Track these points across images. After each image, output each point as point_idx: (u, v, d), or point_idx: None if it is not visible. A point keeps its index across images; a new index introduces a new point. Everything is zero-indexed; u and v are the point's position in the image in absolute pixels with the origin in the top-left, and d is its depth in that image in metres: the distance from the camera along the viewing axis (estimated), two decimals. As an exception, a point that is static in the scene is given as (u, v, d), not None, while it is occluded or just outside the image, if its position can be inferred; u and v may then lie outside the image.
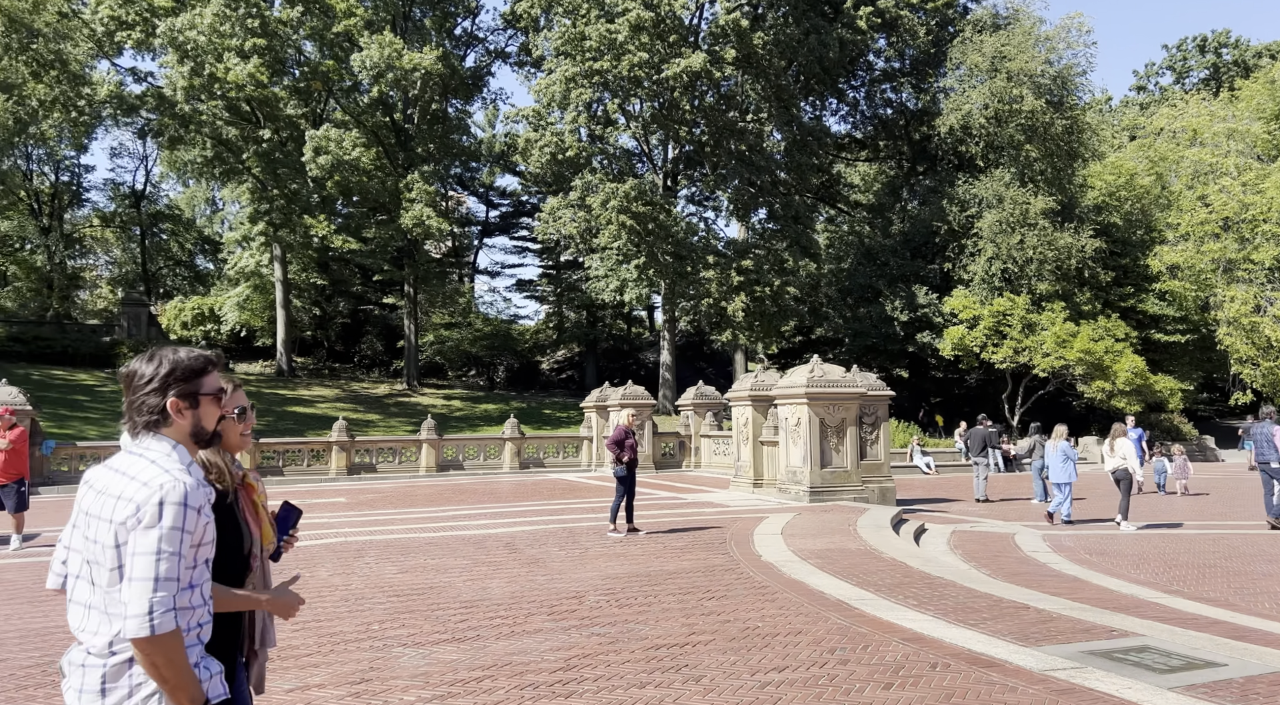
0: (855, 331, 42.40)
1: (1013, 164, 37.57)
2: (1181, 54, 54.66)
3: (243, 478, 2.74)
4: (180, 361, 2.39)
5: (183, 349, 2.46)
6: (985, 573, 10.36)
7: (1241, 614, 8.11)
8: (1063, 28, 37.47)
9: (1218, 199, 37.81)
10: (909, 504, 18.23)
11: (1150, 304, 39.12)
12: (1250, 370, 36.09)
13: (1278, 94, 39.03)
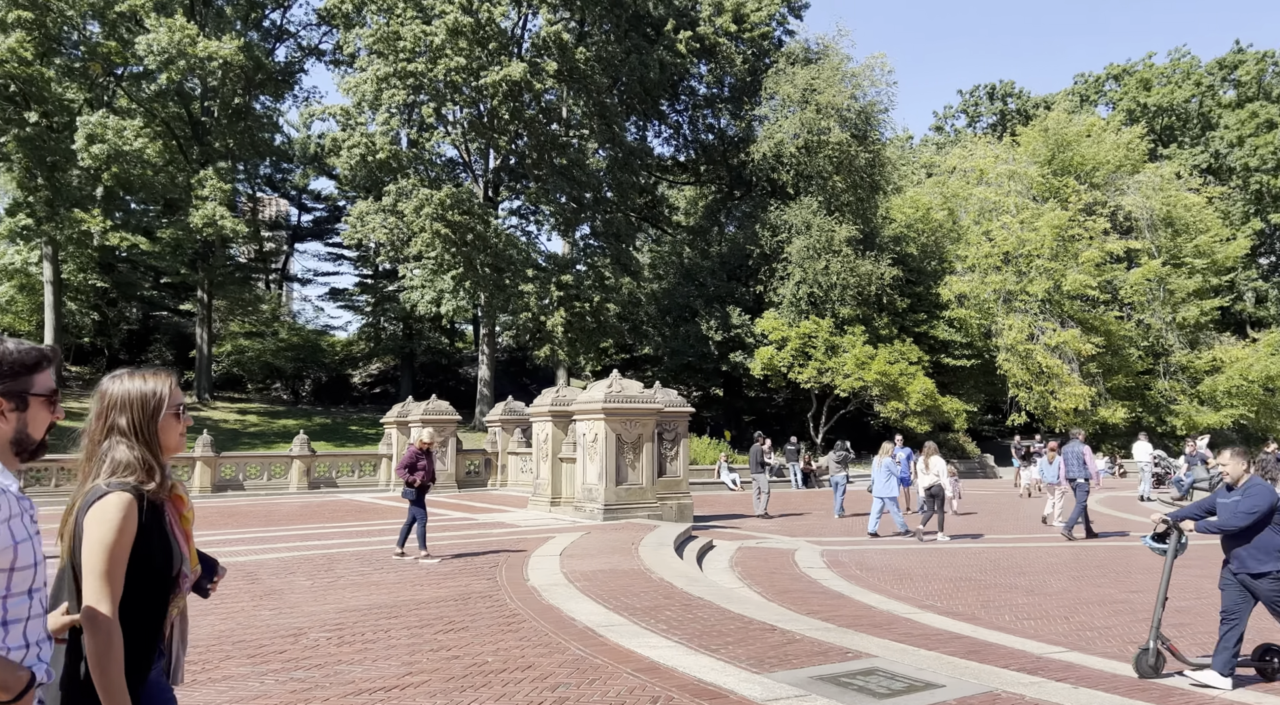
0: (673, 350, 42.97)
1: (820, 193, 39.31)
2: (974, 100, 59.58)
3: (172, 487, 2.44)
4: (8, 353, 2.08)
5: (10, 339, 2.13)
6: (756, 591, 10.29)
7: (983, 628, 8.32)
8: (868, 66, 39.73)
9: (999, 234, 41.15)
10: (706, 520, 18.27)
11: (941, 330, 41.90)
12: (1024, 393, 39.34)
13: (1050, 141, 43.00)
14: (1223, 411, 39.79)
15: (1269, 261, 56.00)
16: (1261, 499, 5.99)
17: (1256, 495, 6.08)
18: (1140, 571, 11.94)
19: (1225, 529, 6.13)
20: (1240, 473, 6.28)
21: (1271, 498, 6.01)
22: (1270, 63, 51.87)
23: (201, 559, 2.61)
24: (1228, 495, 6.31)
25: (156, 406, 2.42)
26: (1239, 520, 6.06)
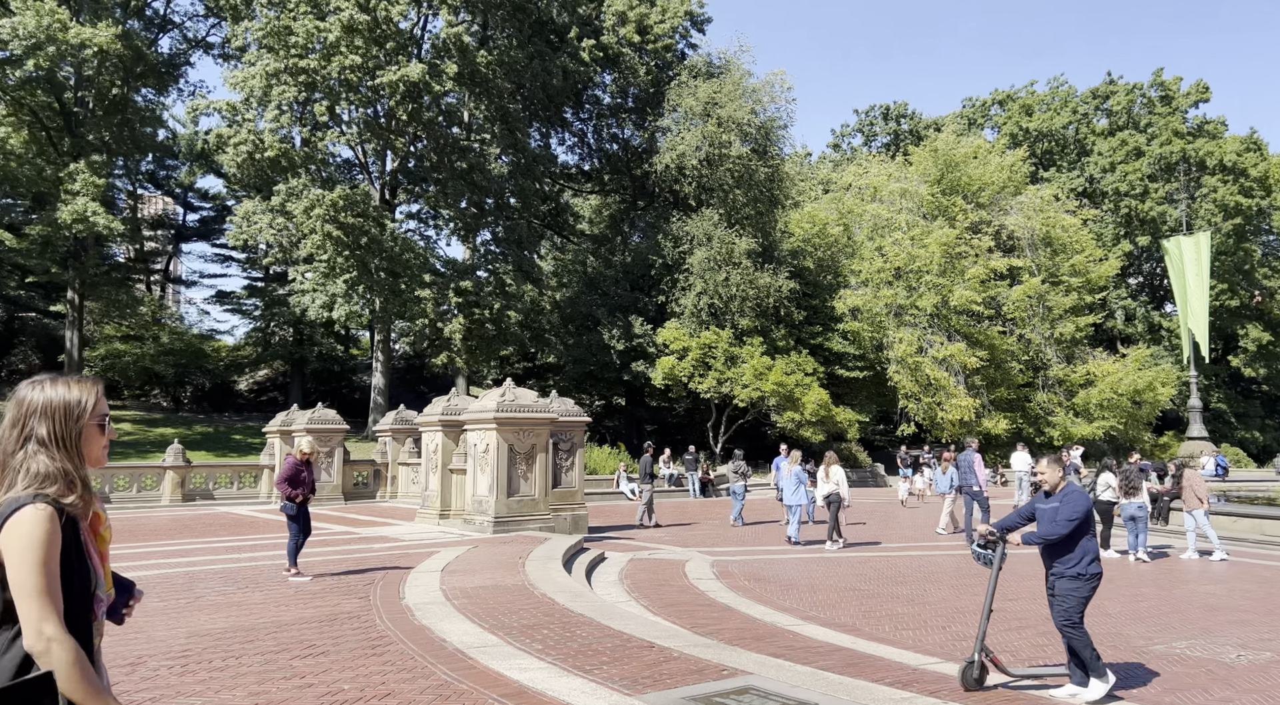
0: (576, 358, 42.68)
1: (722, 205, 39.76)
2: (869, 119, 61.51)
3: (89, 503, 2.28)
4: None
5: None
6: (643, 605, 10.12)
7: (863, 639, 8.35)
8: (768, 82, 40.46)
9: (891, 250, 42.44)
10: (602, 531, 18.06)
11: (835, 342, 42.91)
12: (914, 404, 40.60)
13: (939, 162, 44.63)
14: (1095, 423, 41.92)
15: (1137, 282, 59.55)
16: (1078, 505, 6.11)
17: (1074, 502, 6.19)
18: (1016, 578, 12.29)
19: (1048, 539, 6.22)
20: (1057, 480, 6.37)
21: (1086, 503, 6.16)
22: (1138, 94, 55.30)
23: (116, 581, 2.43)
24: (1046, 502, 6.40)
25: (80, 416, 2.29)
26: (1060, 528, 6.18)
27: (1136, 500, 13.96)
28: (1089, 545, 6.25)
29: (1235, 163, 51.45)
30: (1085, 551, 6.23)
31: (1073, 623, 6.22)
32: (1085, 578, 6.22)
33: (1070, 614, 6.22)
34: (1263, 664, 7.38)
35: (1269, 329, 54.60)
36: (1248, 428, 56.14)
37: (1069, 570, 6.25)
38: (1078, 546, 6.23)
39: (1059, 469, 6.44)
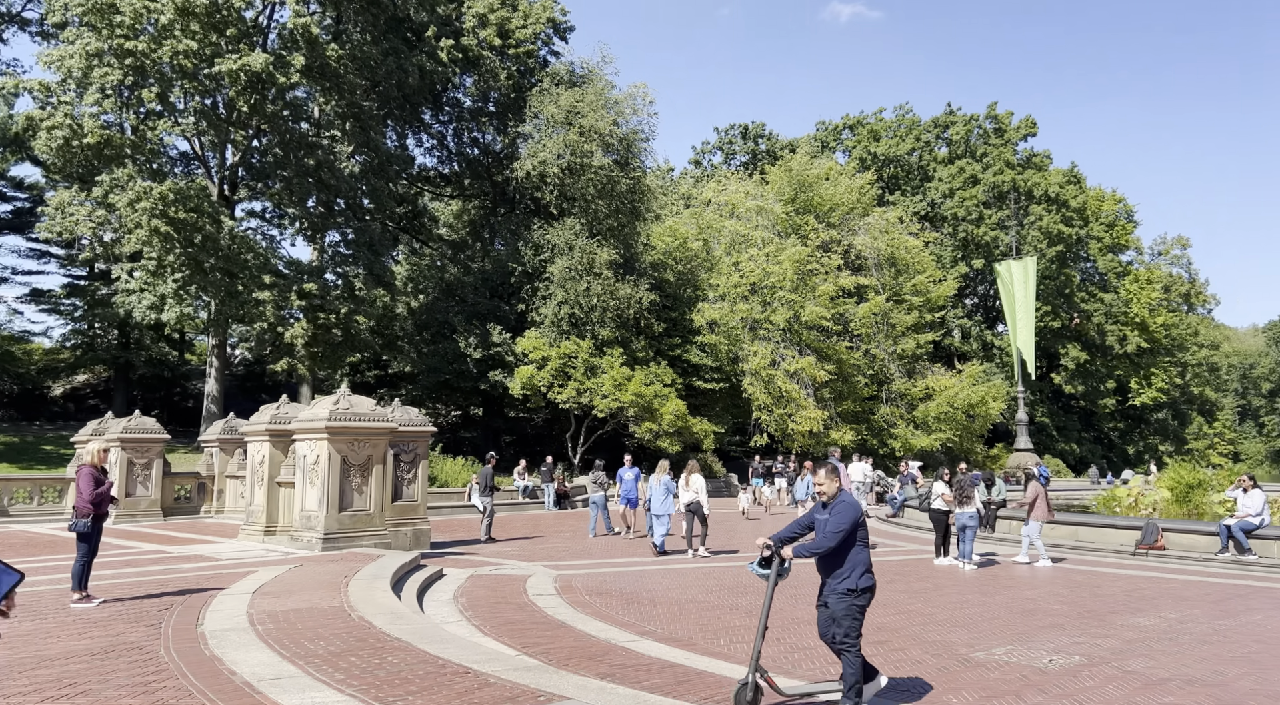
0: (430, 367, 41.36)
1: (583, 215, 39.57)
2: (729, 138, 63.06)
3: None
4: None
5: None
6: (474, 625, 9.58)
7: (697, 654, 8.13)
8: (630, 94, 40.65)
9: (747, 266, 43.41)
10: (446, 547, 17.33)
11: (694, 354, 43.44)
12: (766, 416, 41.54)
13: (794, 181, 46.14)
14: (933, 435, 44.16)
15: (973, 302, 63.45)
16: (845, 516, 5.98)
17: (841, 513, 6.07)
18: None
19: (815, 551, 6.08)
20: (834, 491, 6.22)
21: (855, 514, 6.04)
22: (975, 125, 59.09)
23: None
24: (823, 512, 6.27)
25: None
26: (827, 541, 6.09)
27: (969, 509, 14.51)
28: (859, 558, 6.08)
29: (1058, 194, 55.70)
30: (855, 564, 6.06)
31: (849, 641, 5.97)
32: (856, 592, 6.02)
33: (848, 632, 5.98)
34: (1072, 668, 7.62)
35: (1086, 349, 59.31)
36: (1067, 440, 60.70)
37: (840, 585, 6.07)
38: (847, 560, 6.06)
39: (836, 480, 6.28)
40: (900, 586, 12.59)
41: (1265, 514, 14.74)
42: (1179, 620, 9.90)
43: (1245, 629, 9.41)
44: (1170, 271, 71.00)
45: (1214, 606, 10.78)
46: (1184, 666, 7.69)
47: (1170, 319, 65.21)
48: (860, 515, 6.06)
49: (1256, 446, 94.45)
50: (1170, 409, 68.22)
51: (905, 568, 14.81)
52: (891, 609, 10.66)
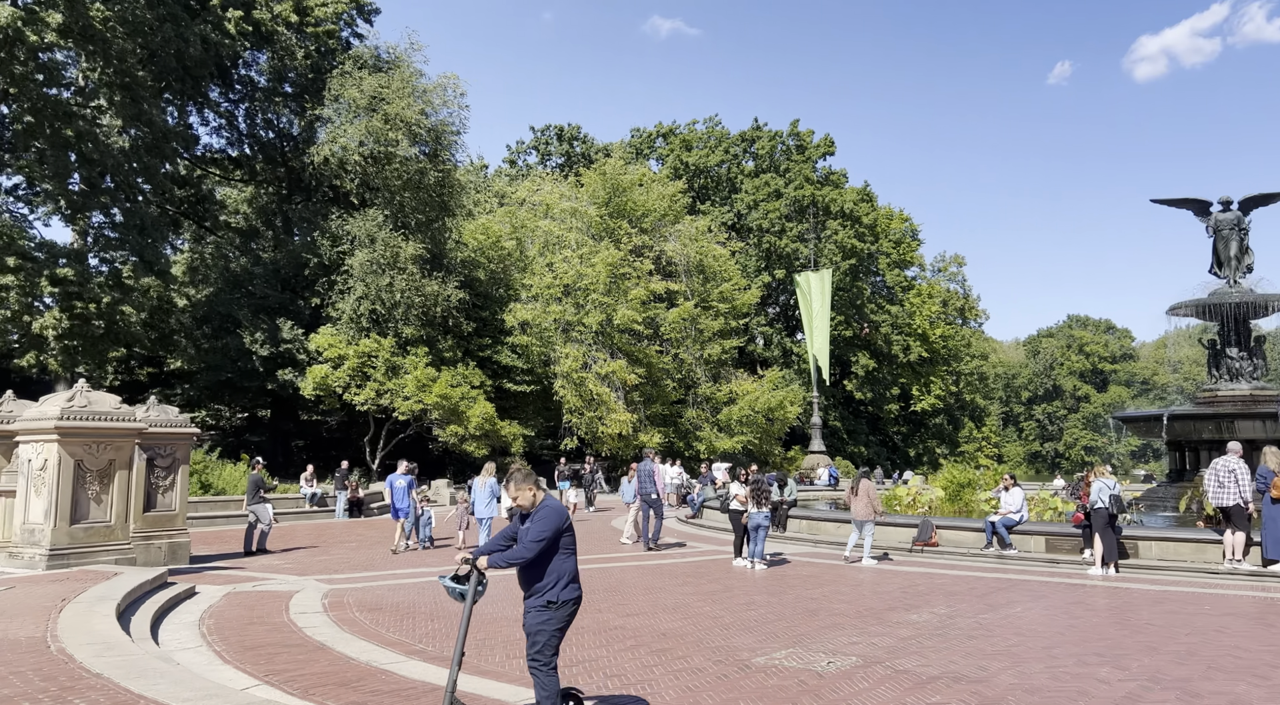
0: (211, 365, 38.03)
1: (388, 206, 37.70)
2: (545, 138, 62.48)
3: None
4: None
5: None
6: (215, 651, 8.39)
7: (466, 674, 7.42)
8: (440, 85, 39.17)
9: (561, 267, 43.00)
10: (208, 560, 15.60)
11: (504, 355, 42.48)
12: (577, 419, 41.26)
13: (608, 185, 46.18)
14: (736, 438, 45.46)
15: (775, 311, 66.19)
16: (548, 523, 5.54)
17: (544, 520, 5.60)
18: (641, 592, 12.18)
19: (516, 561, 5.56)
20: (531, 500, 5.72)
21: (558, 520, 5.60)
22: (779, 141, 61.75)
23: None
24: (526, 522, 5.80)
25: None
26: (528, 550, 5.58)
27: (764, 509, 14.62)
28: (563, 567, 5.61)
29: (852, 210, 59.13)
30: (559, 575, 5.57)
31: (542, 660, 5.45)
32: (556, 605, 5.51)
33: (543, 650, 5.47)
34: (848, 670, 7.56)
35: (875, 358, 63.32)
36: (856, 443, 64.54)
37: (540, 600, 5.55)
38: (549, 570, 5.56)
39: (530, 488, 5.77)
40: (692, 588, 12.42)
41: (1024, 511, 15.85)
42: (948, 615, 10.23)
43: (1007, 622, 9.83)
44: (948, 287, 77.31)
45: (979, 601, 11.28)
46: (951, 663, 7.81)
47: (948, 331, 70.96)
48: (564, 522, 5.58)
49: (1017, 449, 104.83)
50: (946, 414, 74.16)
51: (700, 569, 14.74)
52: (680, 613, 10.39)
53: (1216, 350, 23.32)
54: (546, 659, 5.42)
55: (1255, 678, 7.20)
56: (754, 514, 14.64)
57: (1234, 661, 7.78)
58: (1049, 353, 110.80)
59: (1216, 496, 13.36)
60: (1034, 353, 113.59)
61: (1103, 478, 13.78)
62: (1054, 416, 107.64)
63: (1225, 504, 13.22)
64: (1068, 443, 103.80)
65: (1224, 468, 13.35)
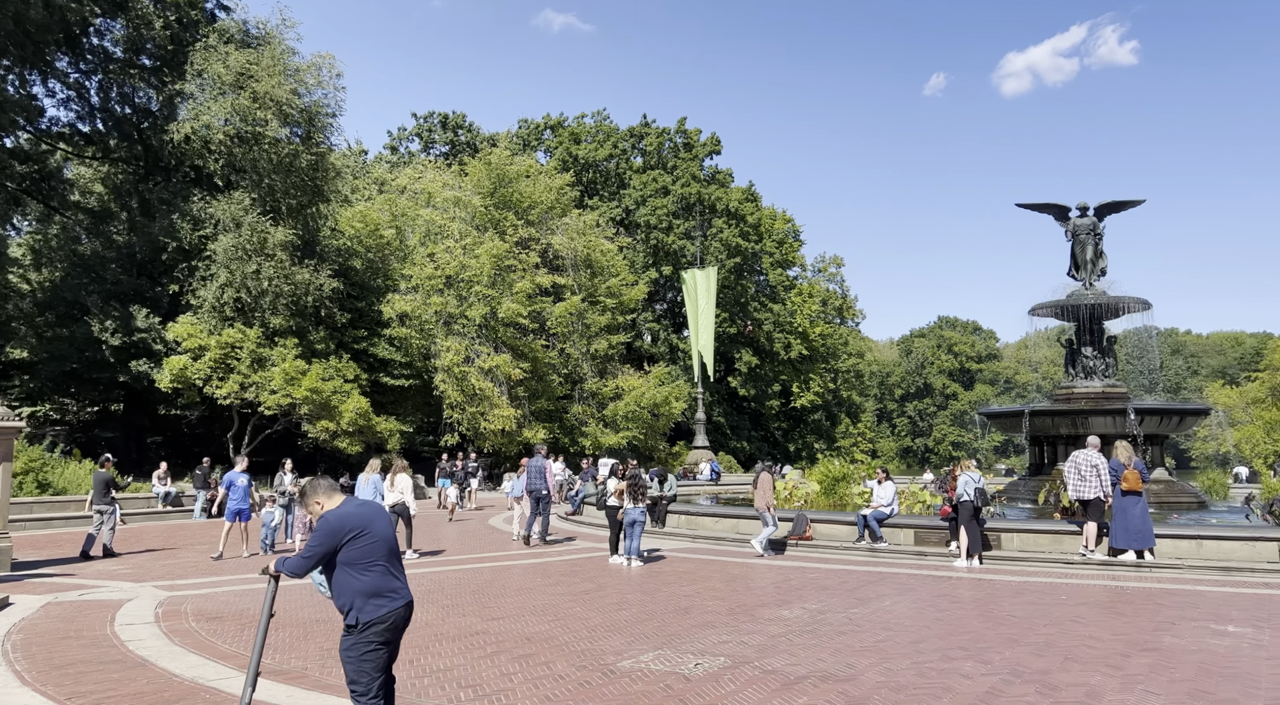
0: (54, 355, 35.08)
1: (255, 189, 35.63)
2: (428, 126, 60.67)
3: None
4: None
5: None
6: (16, 670, 7.42)
7: (304, 689, 6.81)
8: (314, 65, 37.31)
9: (443, 258, 41.74)
10: (35, 566, 14.23)
11: (382, 348, 40.92)
12: (459, 414, 40.16)
13: (493, 175, 45.15)
14: (621, 433, 45.28)
15: (662, 307, 66.48)
16: (318, 536, 4.82)
17: (315, 534, 4.91)
18: (512, 593, 11.67)
19: (291, 574, 4.97)
20: (319, 511, 4.99)
21: (327, 535, 4.80)
22: (667, 138, 61.97)
23: None
24: None
25: None
26: (299, 565, 4.90)
27: (640, 505, 14.32)
28: (354, 586, 4.81)
29: (738, 209, 59.94)
30: (353, 594, 4.78)
31: (359, 690, 4.80)
32: (357, 628, 4.77)
33: (355, 679, 4.81)
34: (716, 672, 7.29)
35: (757, 355, 64.44)
36: (739, 438, 65.57)
37: (345, 622, 4.86)
38: (339, 590, 4.85)
39: (321, 498, 5.04)
40: (565, 588, 11.99)
41: (895, 504, 16.13)
42: (819, 611, 10.16)
43: (876, 616, 9.82)
44: (828, 287, 79.51)
45: (850, 595, 11.29)
46: (820, 661, 7.66)
47: (826, 330, 72.95)
48: (337, 537, 4.81)
49: (890, 444, 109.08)
50: (824, 410, 76.28)
51: (577, 567, 14.33)
52: (549, 615, 9.95)
53: (1073, 349, 24.52)
54: (364, 687, 4.78)
55: (1108, 668, 7.32)
56: (629, 510, 14.34)
57: (1089, 652, 7.93)
58: (920, 352, 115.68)
59: (1077, 489, 13.86)
60: (907, 352, 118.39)
61: (968, 472, 14.11)
62: (924, 413, 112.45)
63: (1086, 497, 13.73)
64: (937, 438, 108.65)
65: (1086, 462, 13.85)
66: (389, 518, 5.27)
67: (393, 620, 4.86)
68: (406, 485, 15.41)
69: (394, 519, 14.77)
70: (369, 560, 4.89)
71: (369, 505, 5.15)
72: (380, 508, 5.30)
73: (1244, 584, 11.84)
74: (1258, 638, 8.48)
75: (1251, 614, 9.71)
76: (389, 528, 5.13)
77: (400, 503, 15.19)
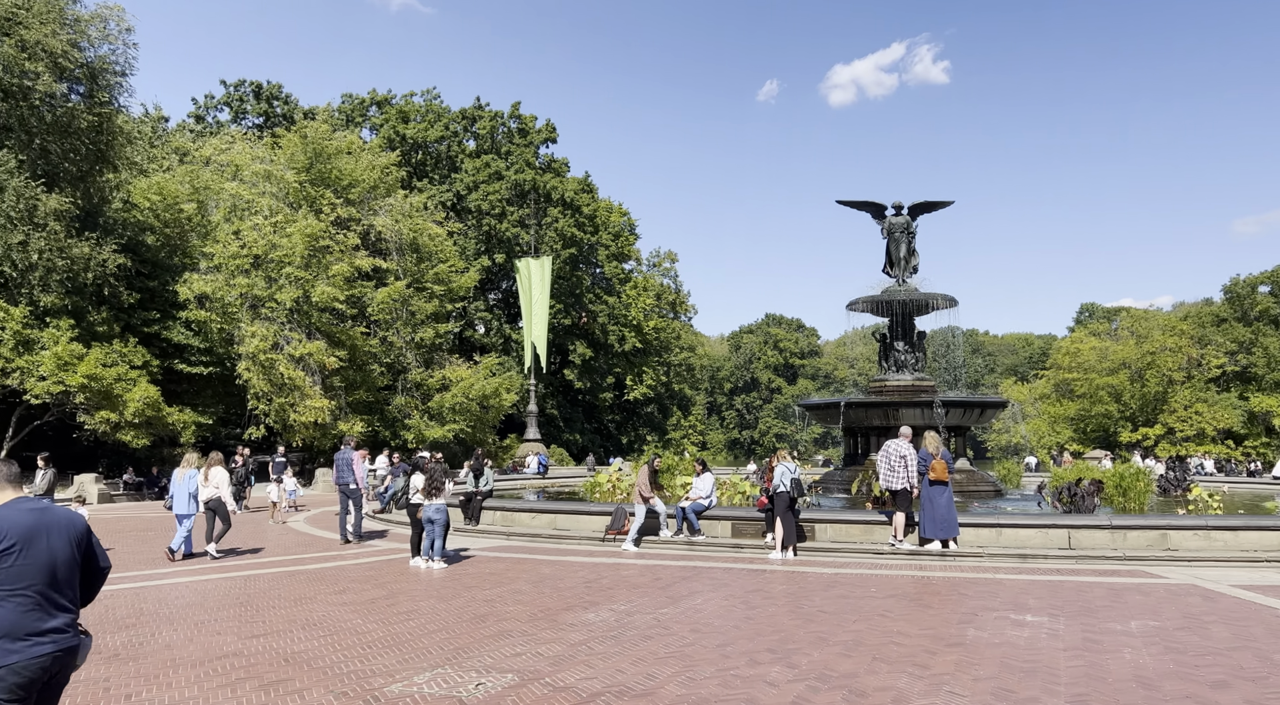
0: None
1: (24, 150, 31.48)
2: (239, 95, 56.04)
3: None
4: None
5: None
6: None
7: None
8: (100, 16, 33.37)
9: (250, 235, 38.51)
10: None
11: (177, 332, 37.35)
12: (265, 405, 37.20)
13: (310, 150, 42.10)
14: (447, 426, 43.49)
15: (496, 297, 64.82)
16: None
17: None
18: (287, 603, 10.31)
19: None
20: None
21: None
22: (501, 122, 60.33)
23: None
24: None
25: None
26: None
27: (437, 502, 13.20)
28: None
29: (573, 200, 59.19)
30: None
31: None
32: None
33: None
34: (498, 693, 6.41)
35: (591, 347, 64.03)
36: (572, 431, 64.99)
37: None
38: None
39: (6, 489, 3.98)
40: (351, 596, 10.72)
41: (713, 496, 15.79)
42: (627, 612, 9.48)
43: (685, 617, 9.25)
44: (662, 282, 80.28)
45: (661, 593, 10.70)
46: (619, 672, 6.93)
47: (660, 323, 73.57)
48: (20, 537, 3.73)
49: (719, 436, 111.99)
50: (657, 403, 77.01)
51: (374, 571, 13.02)
52: (321, 630, 8.71)
53: (886, 344, 25.33)
54: None
55: (916, 667, 7.00)
56: (426, 507, 13.20)
57: (896, 650, 7.62)
58: (749, 348, 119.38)
59: (887, 480, 13.96)
60: (736, 347, 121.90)
61: (784, 462, 13.92)
62: (751, 406, 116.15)
63: (895, 487, 13.84)
64: (762, 430, 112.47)
65: (895, 453, 13.96)
66: (68, 533, 3.98)
67: (28, 675, 3.64)
68: (223, 479, 14.80)
69: (209, 515, 14.61)
70: (12, 586, 3.68)
71: (40, 513, 3.90)
72: (58, 518, 3.99)
73: (1038, 571, 12.18)
74: (1054, 627, 8.50)
75: (1047, 602, 9.84)
76: (62, 545, 3.89)
77: (215, 498, 14.61)
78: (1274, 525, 13.00)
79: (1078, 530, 13.33)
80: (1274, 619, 8.87)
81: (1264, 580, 11.32)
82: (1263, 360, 64.36)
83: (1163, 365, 64.84)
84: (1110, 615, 9.06)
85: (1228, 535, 12.90)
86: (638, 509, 15.26)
